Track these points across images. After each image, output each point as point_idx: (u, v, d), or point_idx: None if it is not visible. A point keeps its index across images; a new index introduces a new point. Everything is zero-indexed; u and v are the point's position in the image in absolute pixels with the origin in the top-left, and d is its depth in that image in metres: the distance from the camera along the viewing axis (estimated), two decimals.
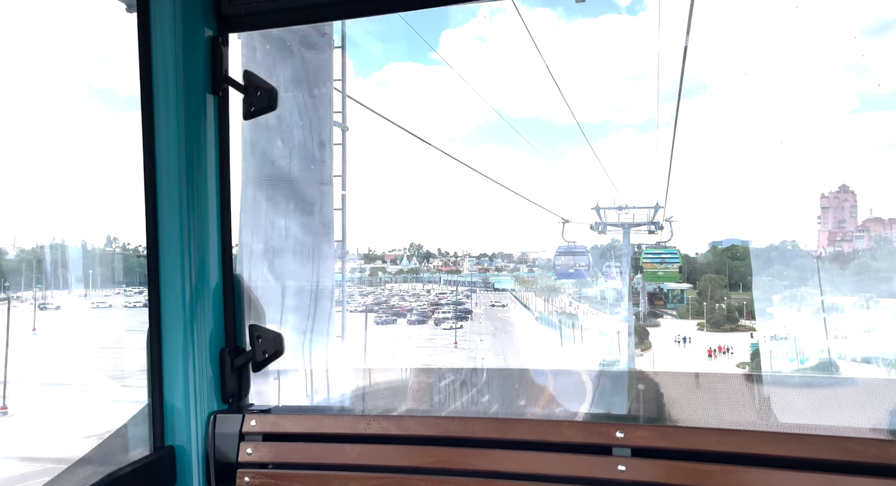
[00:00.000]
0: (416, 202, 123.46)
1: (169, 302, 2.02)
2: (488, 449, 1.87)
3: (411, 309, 65.10)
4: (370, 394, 2.41)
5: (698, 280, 64.46)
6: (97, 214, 62.31)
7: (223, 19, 2.05)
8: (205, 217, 2.06)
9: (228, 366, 2.09)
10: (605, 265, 49.60)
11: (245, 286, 2.17)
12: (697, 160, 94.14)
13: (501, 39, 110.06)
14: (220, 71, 2.04)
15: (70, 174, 63.41)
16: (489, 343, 51.52)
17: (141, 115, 1.99)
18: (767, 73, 73.65)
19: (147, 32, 1.96)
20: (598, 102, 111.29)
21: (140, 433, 2.02)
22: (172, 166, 2.00)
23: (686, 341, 52.57)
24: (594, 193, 69.09)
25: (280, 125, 4.62)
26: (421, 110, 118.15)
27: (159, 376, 2.02)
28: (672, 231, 35.95)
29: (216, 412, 2.08)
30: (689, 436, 1.72)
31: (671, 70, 74.39)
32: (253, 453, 2.03)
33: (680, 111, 24.90)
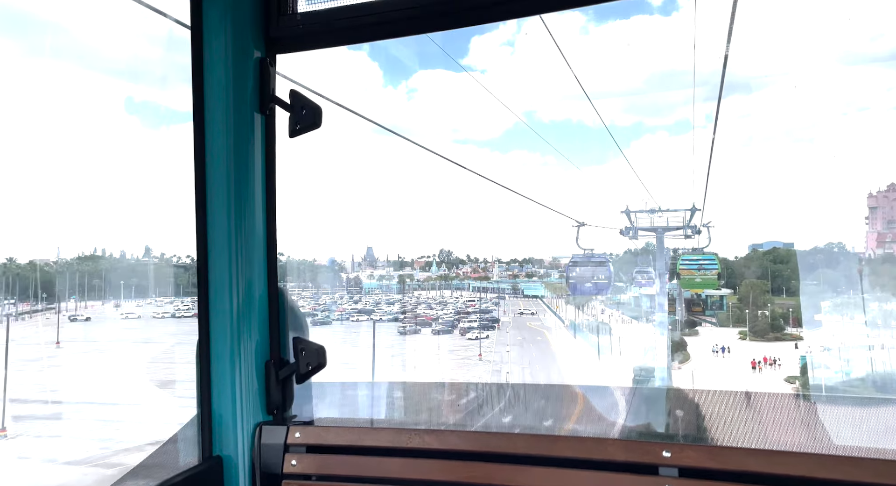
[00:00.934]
0: (445, 208, 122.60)
1: (217, 314, 2.07)
2: (531, 466, 1.86)
3: (437, 318, 63.27)
4: (408, 407, 2.38)
5: (739, 285, 61.51)
6: (137, 225, 63.52)
7: (271, 41, 2.11)
8: (252, 231, 2.11)
9: (273, 378, 2.12)
10: (635, 271, 45.58)
11: (288, 299, 2.19)
12: (735, 161, 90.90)
13: (531, 43, 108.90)
14: (267, 91, 2.10)
15: (114, 187, 64.76)
16: (516, 354, 49.17)
17: (193, 132, 2.06)
18: (811, 70, 70.96)
19: (200, 54, 2.04)
20: (630, 104, 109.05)
21: (190, 442, 2.05)
22: (221, 182, 2.05)
23: (725, 351, 49.41)
24: (626, 197, 66.65)
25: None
26: (451, 116, 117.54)
27: (208, 387, 2.07)
28: (710, 237, 33.97)
29: (262, 422, 2.12)
30: (740, 457, 1.67)
31: (707, 69, 71.64)
32: (297, 464, 2.06)
33: (720, 111, 22.30)
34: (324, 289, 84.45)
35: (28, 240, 66.05)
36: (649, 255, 43.26)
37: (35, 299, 61.78)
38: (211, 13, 2.04)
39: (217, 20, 2.03)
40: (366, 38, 2.17)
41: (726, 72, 15.01)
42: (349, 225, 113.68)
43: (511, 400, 2.32)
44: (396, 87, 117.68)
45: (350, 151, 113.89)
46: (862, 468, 1.56)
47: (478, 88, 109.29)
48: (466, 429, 2.09)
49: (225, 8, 2.03)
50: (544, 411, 2.27)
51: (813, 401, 2.12)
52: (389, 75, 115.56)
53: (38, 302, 61.31)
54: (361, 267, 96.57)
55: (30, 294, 61.80)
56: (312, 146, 21.49)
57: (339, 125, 8.92)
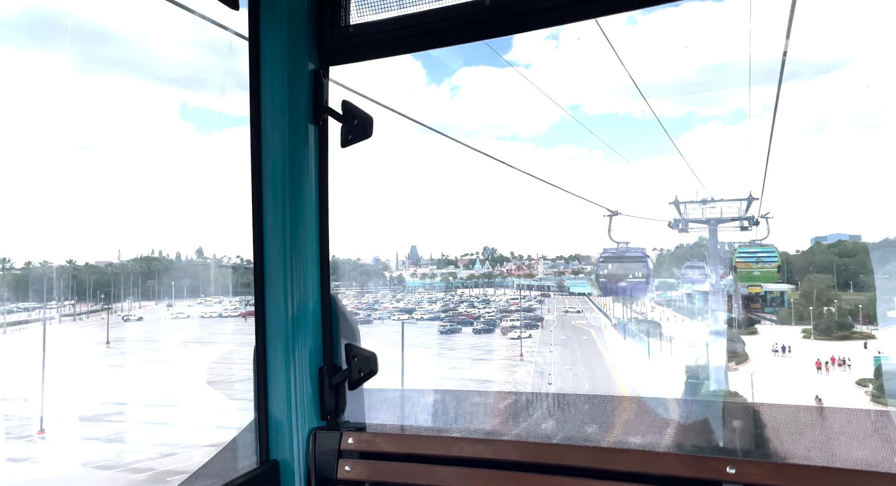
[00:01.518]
0: (490, 206, 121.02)
1: (273, 321, 2.11)
2: (584, 479, 1.82)
3: (479, 316, 61.80)
4: (457, 415, 2.39)
5: (801, 281, 57.74)
6: (191, 227, 65.46)
7: (325, 53, 2.16)
8: (305, 239, 2.15)
9: (327, 384, 2.16)
10: (685, 266, 41.45)
11: (340, 306, 2.24)
12: (796, 150, 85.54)
13: (576, 36, 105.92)
14: (321, 102, 2.14)
15: (170, 190, 66.80)
16: (559, 355, 47.18)
17: (249, 141, 2.12)
18: (881, 53, 66.09)
19: (257, 65, 2.09)
20: (681, 94, 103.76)
21: (248, 447, 2.12)
22: (276, 191, 2.10)
23: (786, 350, 46.02)
24: (678, 190, 63.67)
25: None
26: (495, 113, 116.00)
27: (265, 392, 2.10)
28: (769, 228, 31.14)
29: (316, 428, 2.15)
30: (811, 475, 1.60)
31: (765, 56, 67.23)
32: (351, 470, 2.09)
33: (780, 98, 20.05)
34: (367, 288, 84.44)
35: (89, 243, 68.99)
36: (703, 249, 40.38)
37: (94, 299, 64.12)
38: (268, 26, 2.10)
39: (273, 33, 2.10)
40: (416, 48, 2.20)
41: (787, 57, 14.19)
42: (394, 224, 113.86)
43: (563, 407, 2.21)
44: (440, 85, 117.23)
45: (395, 150, 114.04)
46: None
47: (522, 83, 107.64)
48: (519, 439, 2.08)
49: (281, 21, 2.10)
50: (589, 419, 2.15)
51: (890, 415, 1.81)
52: (432, 74, 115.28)
53: (96, 303, 63.58)
54: (405, 265, 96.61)
55: (87, 295, 64.21)
56: (358, 147, 21.41)
57: (383, 126, 8.23)
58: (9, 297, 54.86)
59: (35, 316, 50.97)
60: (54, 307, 57.62)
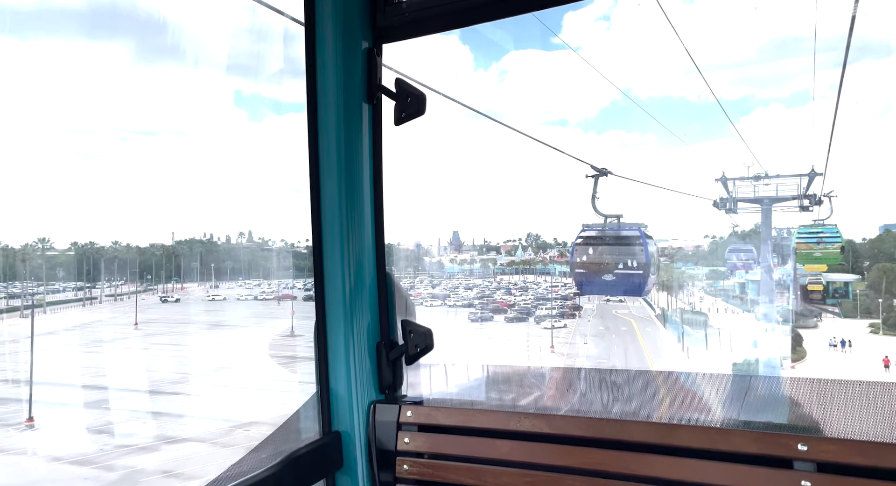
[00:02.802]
0: (534, 191, 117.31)
1: (332, 298, 2.15)
2: (648, 454, 1.78)
3: (513, 304, 58.97)
4: (515, 390, 2.32)
5: (868, 271, 52.18)
6: (241, 210, 66.07)
7: (378, 31, 2.17)
8: (361, 217, 2.18)
9: (384, 358, 2.21)
10: (729, 250, 36.19)
11: (396, 283, 2.25)
12: (865, 132, 78.22)
13: (628, 17, 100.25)
14: (374, 80, 2.16)
15: (224, 175, 67.86)
16: (594, 348, 43.90)
17: (307, 121, 2.14)
18: None
19: (312, 46, 2.12)
20: (739, 76, 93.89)
21: (311, 418, 2.18)
22: (332, 169, 2.13)
23: (846, 345, 41.19)
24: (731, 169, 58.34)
25: None
26: (544, 97, 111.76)
27: (325, 367, 2.16)
28: (832, 208, 26.97)
29: (375, 401, 2.21)
30: (887, 452, 1.54)
31: (832, 32, 61.01)
32: (410, 442, 2.14)
33: (845, 78, 17.86)
34: (407, 273, 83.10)
35: (145, 225, 70.54)
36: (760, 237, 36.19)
37: (141, 280, 65.25)
38: (322, 5, 2.10)
39: (328, 12, 2.10)
40: (468, 22, 2.14)
41: (853, 34, 12.54)
42: (438, 209, 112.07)
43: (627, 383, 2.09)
44: (487, 69, 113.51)
45: (441, 135, 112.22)
46: None
47: (572, 66, 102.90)
48: (577, 414, 2.00)
49: (335, 2, 2.10)
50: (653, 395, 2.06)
51: None
52: (480, 58, 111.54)
53: (142, 283, 64.67)
54: (447, 251, 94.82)
55: (135, 277, 65.42)
56: (405, 131, 20.10)
57: (432, 111, 7.12)
58: (62, 276, 56.26)
59: (81, 295, 51.85)
60: (100, 288, 58.69)
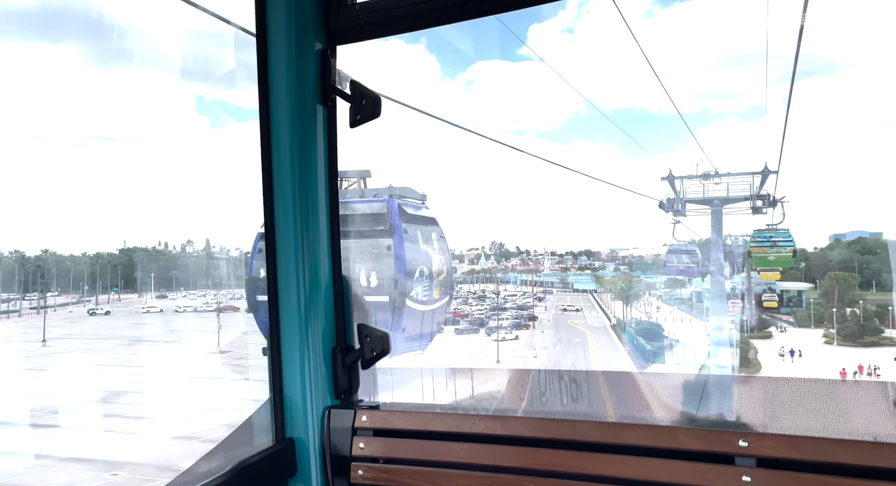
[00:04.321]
0: (499, 199, 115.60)
1: (286, 303, 2.06)
2: (598, 453, 1.79)
3: (466, 315, 56.12)
4: (472, 393, 2.32)
5: (821, 279, 51.42)
6: (197, 219, 62.12)
7: (331, 32, 2.10)
8: (316, 221, 2.09)
9: (340, 363, 2.13)
10: (668, 251, 32.39)
11: (352, 287, 2.18)
12: (813, 146, 79.66)
13: (591, 30, 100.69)
14: (328, 82, 2.08)
15: (179, 182, 63.94)
16: (543, 360, 41.30)
17: (259, 125, 2.05)
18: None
19: (264, 47, 2.04)
20: (697, 89, 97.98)
21: (264, 425, 2.08)
22: (286, 173, 2.04)
23: (794, 354, 39.70)
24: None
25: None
26: (509, 107, 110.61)
27: (279, 372, 2.07)
28: (784, 212, 27.09)
29: (330, 406, 2.12)
30: (823, 447, 1.56)
31: (782, 50, 62.06)
32: (365, 447, 2.06)
33: (794, 94, 17.65)
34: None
35: (97, 232, 65.74)
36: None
37: (77, 290, 60.31)
38: (274, 7, 2.04)
39: (280, 13, 2.03)
40: (423, 25, 2.11)
41: (802, 52, 11.78)
42: None
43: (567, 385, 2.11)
44: (454, 78, 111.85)
45: (407, 143, 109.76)
46: None
47: (536, 77, 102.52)
48: (531, 415, 2.01)
49: (287, 2, 2.03)
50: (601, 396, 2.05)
51: None
52: (447, 67, 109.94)
53: (77, 294, 59.75)
54: None
55: (69, 287, 60.48)
56: (369, 137, 18.67)
57: (397, 119, 6.22)
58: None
59: (5, 307, 46.84)
60: (27, 299, 53.58)
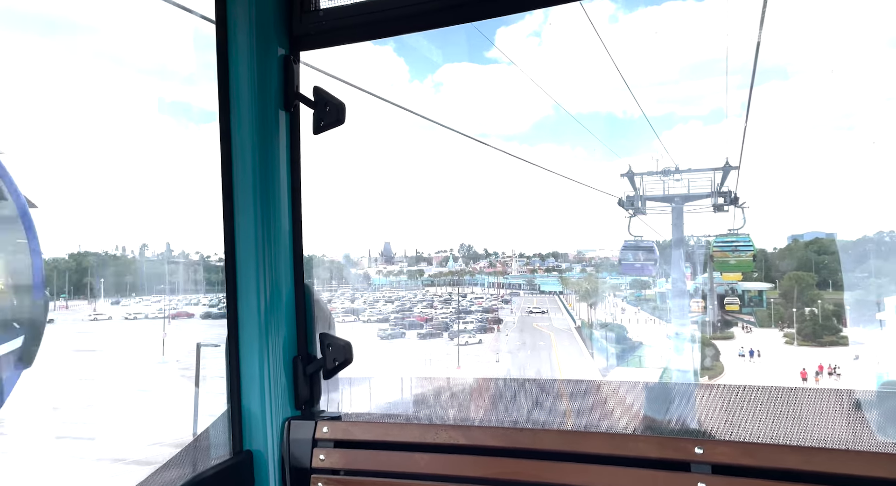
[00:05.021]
0: (468, 201, 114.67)
1: (245, 311, 2.03)
2: (559, 462, 1.79)
3: (431, 319, 54.61)
4: (435, 403, 2.29)
5: (780, 279, 51.75)
6: (159, 223, 59.57)
7: (294, 38, 2.07)
8: (278, 228, 2.06)
9: (301, 373, 2.08)
10: (623, 247, 29.40)
11: (315, 296, 2.14)
12: (772, 150, 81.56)
13: (558, 34, 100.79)
14: (291, 88, 2.06)
15: (142, 185, 60.85)
16: (506, 365, 40.07)
17: (219, 130, 2.02)
18: (850, 55, 64.57)
19: (225, 51, 2.00)
20: (661, 94, 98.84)
21: (221, 437, 2.02)
22: (247, 180, 2.01)
23: (754, 355, 39.43)
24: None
25: None
26: (478, 110, 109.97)
27: (238, 383, 2.03)
28: (745, 218, 27.72)
29: (290, 418, 2.08)
30: (775, 454, 1.60)
31: (742, 56, 63.35)
32: (325, 459, 2.02)
33: (753, 98, 17.46)
34: (331, 286, 77.32)
35: (50, 236, 62.14)
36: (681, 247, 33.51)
37: None
38: (235, 11, 2.00)
39: (241, 17, 1.99)
40: (388, 33, 2.10)
41: (761, 58, 10.92)
42: (370, 219, 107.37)
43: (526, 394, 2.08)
44: (423, 81, 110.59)
45: (375, 144, 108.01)
46: None
47: (504, 81, 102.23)
48: (494, 425, 2.00)
49: (248, 5, 1.99)
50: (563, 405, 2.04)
51: (857, 397, 1.76)
52: (416, 70, 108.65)
53: None
54: (378, 262, 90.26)
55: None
56: (334, 140, 17.64)
57: (365, 119, 5.70)
58: None
59: None
60: None
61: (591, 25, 11.36)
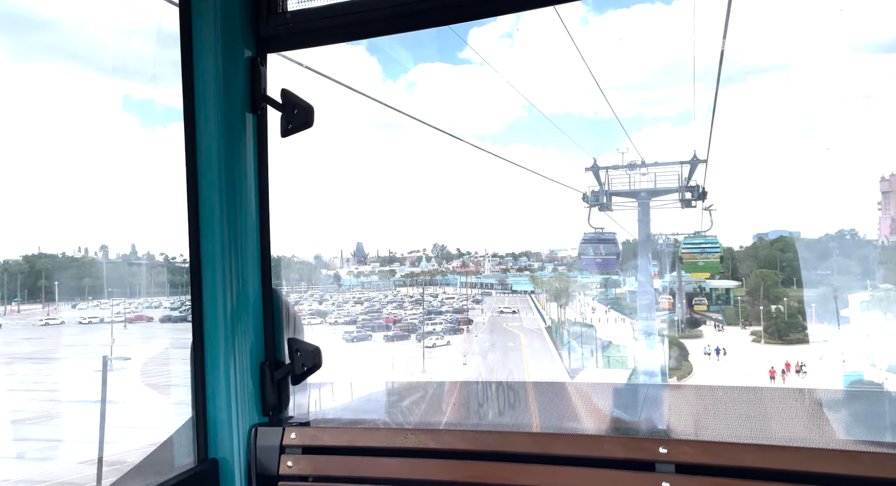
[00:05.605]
0: (443, 202, 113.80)
1: (211, 316, 2.01)
2: (528, 464, 1.80)
3: (399, 320, 53.22)
4: (405, 407, 2.26)
5: (747, 277, 52.01)
6: (124, 225, 56.95)
7: (261, 40, 2.07)
8: (245, 232, 2.05)
9: (269, 379, 2.07)
10: (583, 240, 26.37)
11: (283, 300, 2.13)
12: (737, 150, 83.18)
13: (529, 36, 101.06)
14: (258, 90, 2.06)
15: (106, 186, 58.02)
16: (473, 368, 38.99)
17: (184, 132, 2.00)
18: (810, 59, 67.87)
19: (189, 53, 1.98)
20: (631, 95, 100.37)
21: (185, 445, 1.99)
22: (213, 183, 1.99)
23: (720, 353, 39.16)
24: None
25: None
26: (451, 111, 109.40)
27: (202, 389, 2.01)
28: (712, 220, 28.28)
29: (257, 424, 2.07)
30: (736, 452, 1.64)
31: (709, 59, 64.43)
32: (293, 466, 2.00)
33: (719, 100, 18.00)
34: (300, 287, 75.23)
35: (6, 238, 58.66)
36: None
37: None
38: (200, 12, 1.99)
39: (206, 19, 1.98)
40: (357, 36, 2.12)
41: (725, 61, 10.29)
42: (343, 220, 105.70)
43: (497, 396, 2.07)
44: (396, 81, 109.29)
45: (349, 144, 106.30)
46: (859, 462, 1.53)
47: (478, 81, 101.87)
48: (463, 428, 2.01)
49: (214, 7, 1.98)
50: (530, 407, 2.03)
51: (818, 396, 1.83)
52: (388, 70, 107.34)
53: None
54: (350, 263, 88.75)
55: None
56: (308, 141, 16.86)
57: (337, 117, 5.30)
58: None
59: None
60: None
61: (564, 27, 11.36)
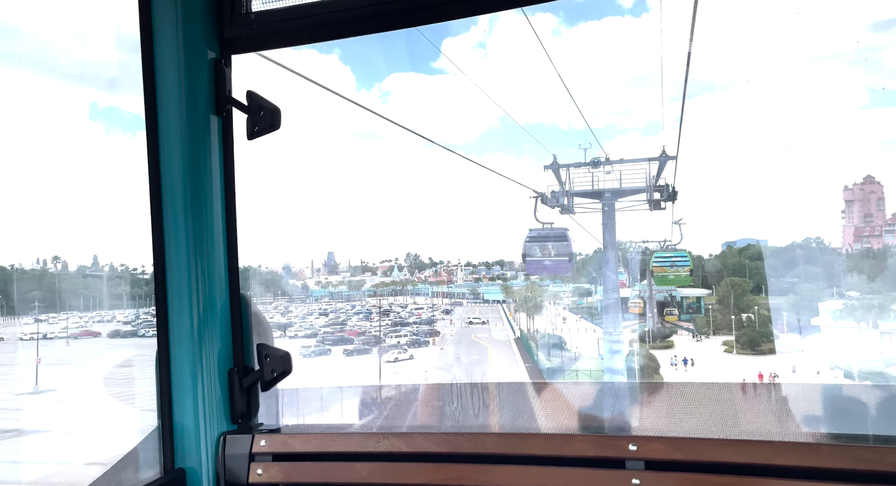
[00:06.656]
0: (415, 210, 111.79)
1: (177, 323, 1.97)
2: (500, 465, 1.81)
3: (363, 333, 50.54)
4: (377, 411, 2.24)
5: (717, 286, 50.99)
6: (87, 235, 52.97)
7: (225, 41, 2.03)
8: (211, 237, 2.01)
9: (237, 386, 2.02)
10: (528, 237, 21.94)
11: (252, 306, 2.10)
12: (705, 160, 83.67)
13: (502, 46, 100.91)
14: (223, 92, 2.02)
15: (70, 194, 53.96)
16: (435, 383, 36.78)
17: (146, 136, 1.96)
18: (775, 71, 67.19)
19: (151, 55, 1.94)
20: (602, 106, 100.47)
21: (151, 455, 1.95)
22: (177, 187, 1.95)
23: (687, 363, 37.66)
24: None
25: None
26: (425, 120, 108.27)
27: (168, 398, 1.96)
28: (682, 233, 29.23)
29: (226, 432, 2.02)
30: (704, 448, 1.66)
31: (676, 71, 64.89)
32: (263, 473, 1.96)
33: (686, 111, 16.95)
34: (265, 298, 71.83)
35: None
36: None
37: None
38: (161, 13, 1.93)
39: (168, 20, 1.93)
40: (324, 37, 2.05)
41: (692, 73, 11.41)
42: (313, 229, 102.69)
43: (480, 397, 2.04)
44: (370, 90, 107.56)
45: (322, 153, 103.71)
46: (819, 454, 1.56)
47: (451, 91, 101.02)
48: (435, 430, 2.01)
49: (175, 8, 1.93)
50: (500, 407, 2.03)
51: (784, 391, 1.86)
52: (362, 79, 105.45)
53: None
54: (321, 273, 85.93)
55: None
56: (278, 146, 15.28)
57: (310, 121, 4.06)
58: None
59: None
60: None
61: (537, 38, 10.10)
